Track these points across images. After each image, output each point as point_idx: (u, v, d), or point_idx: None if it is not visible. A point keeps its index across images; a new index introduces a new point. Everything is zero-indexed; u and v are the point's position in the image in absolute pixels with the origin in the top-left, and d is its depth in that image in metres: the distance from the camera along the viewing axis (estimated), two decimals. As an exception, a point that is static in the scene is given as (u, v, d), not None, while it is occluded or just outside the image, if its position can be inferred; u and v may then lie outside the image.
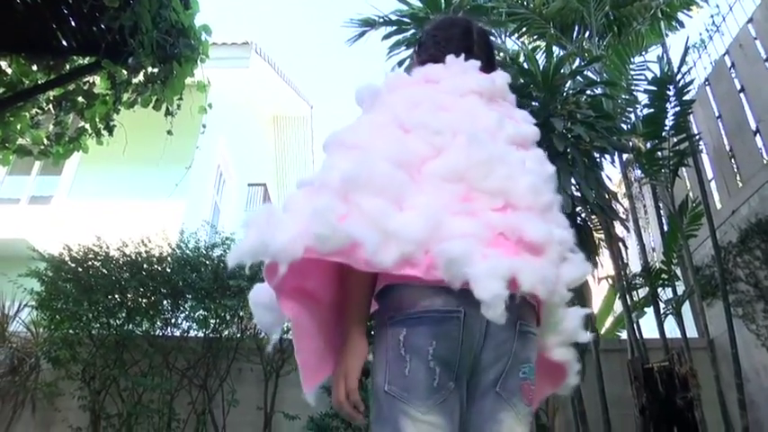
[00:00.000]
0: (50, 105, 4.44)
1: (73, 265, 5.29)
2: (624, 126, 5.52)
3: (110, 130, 4.44)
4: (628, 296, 5.24)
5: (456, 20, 1.92)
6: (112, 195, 8.27)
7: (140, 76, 4.37)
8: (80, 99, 4.46)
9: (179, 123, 4.58)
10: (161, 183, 7.70)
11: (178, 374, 5.16)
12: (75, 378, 5.05)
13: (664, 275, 5.33)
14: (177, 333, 5.39)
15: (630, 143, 5.36)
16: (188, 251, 5.56)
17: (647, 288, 5.35)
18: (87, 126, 4.40)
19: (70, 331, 5.13)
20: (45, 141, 4.38)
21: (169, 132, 4.34)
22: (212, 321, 5.36)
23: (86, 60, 4.49)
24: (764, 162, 5.41)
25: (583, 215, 4.48)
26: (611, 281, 6.02)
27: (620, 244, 4.90)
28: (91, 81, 4.53)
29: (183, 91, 4.43)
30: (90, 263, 5.34)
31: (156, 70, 4.24)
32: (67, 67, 4.47)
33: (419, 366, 1.14)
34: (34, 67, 4.38)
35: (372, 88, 1.52)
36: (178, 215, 7.94)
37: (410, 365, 1.15)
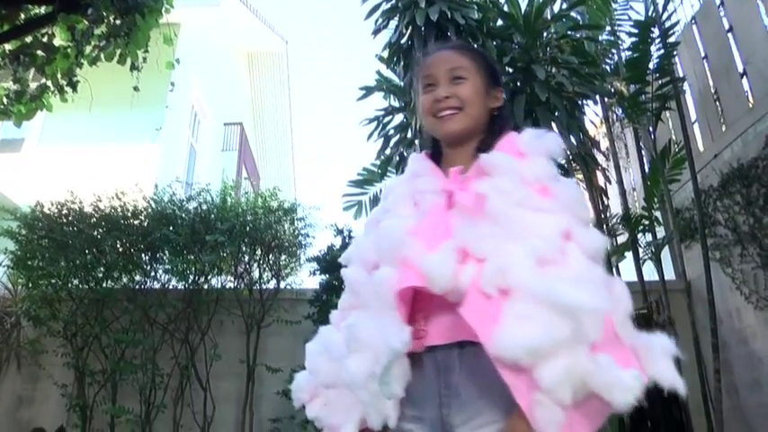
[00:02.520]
0: (7, 60, 4.20)
1: (46, 222, 5.19)
2: (607, 68, 5.38)
3: (73, 86, 4.23)
4: (608, 242, 5.25)
5: None
6: (85, 139, 8.05)
7: (103, 27, 4.13)
8: (39, 53, 4.21)
9: (150, 65, 4.39)
10: (136, 125, 7.52)
11: (160, 329, 5.17)
12: (56, 336, 5.05)
13: (644, 221, 5.33)
14: (157, 286, 5.37)
15: (612, 88, 5.24)
16: (164, 203, 5.47)
17: (628, 233, 5.36)
18: (49, 83, 4.18)
19: (49, 289, 5.08)
20: (4, 100, 4.17)
21: (135, 89, 4.15)
22: (191, 274, 5.33)
23: (43, 10, 4.23)
24: (750, 106, 5.31)
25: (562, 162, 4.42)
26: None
27: (602, 194, 4.87)
28: (50, 33, 4.27)
29: (152, 31, 4.20)
30: (64, 219, 5.24)
31: (118, 22, 4.01)
32: (22, 17, 4.22)
33: None
34: (-16, 18, 4.12)
35: None
36: (154, 158, 7.80)
37: None
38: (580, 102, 4.51)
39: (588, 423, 0.98)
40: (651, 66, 5.00)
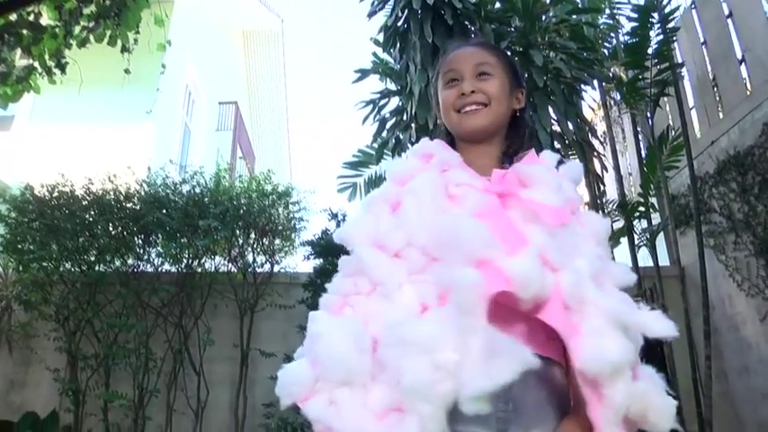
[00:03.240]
0: (-9, 39, 4.08)
1: (37, 205, 5.12)
2: (605, 52, 5.32)
3: (62, 67, 4.12)
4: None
5: None
6: (78, 118, 7.89)
7: (92, 7, 4.02)
8: (25, 32, 4.09)
9: (143, 44, 4.29)
10: (130, 104, 7.39)
11: (153, 313, 5.14)
12: (48, 319, 5.01)
13: (640, 207, 5.31)
14: (150, 270, 5.33)
15: (611, 73, 5.19)
16: (156, 186, 5.41)
17: (623, 220, 5.35)
18: (36, 64, 4.08)
19: (40, 273, 5.03)
20: (-11, 82, 4.07)
21: (126, 71, 4.06)
22: (184, 258, 5.28)
23: (29, -13, 4.10)
24: (748, 93, 5.26)
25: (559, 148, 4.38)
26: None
27: (598, 181, 4.84)
28: (36, 12, 4.15)
29: (143, 11, 4.09)
30: (55, 202, 5.18)
31: (108, 2, 3.90)
32: (7, -6, 4.09)
33: None
34: (-36, -6, 3.99)
35: None
36: (148, 137, 7.68)
37: None
38: (578, 87, 4.47)
39: None
40: (650, 51, 4.95)
